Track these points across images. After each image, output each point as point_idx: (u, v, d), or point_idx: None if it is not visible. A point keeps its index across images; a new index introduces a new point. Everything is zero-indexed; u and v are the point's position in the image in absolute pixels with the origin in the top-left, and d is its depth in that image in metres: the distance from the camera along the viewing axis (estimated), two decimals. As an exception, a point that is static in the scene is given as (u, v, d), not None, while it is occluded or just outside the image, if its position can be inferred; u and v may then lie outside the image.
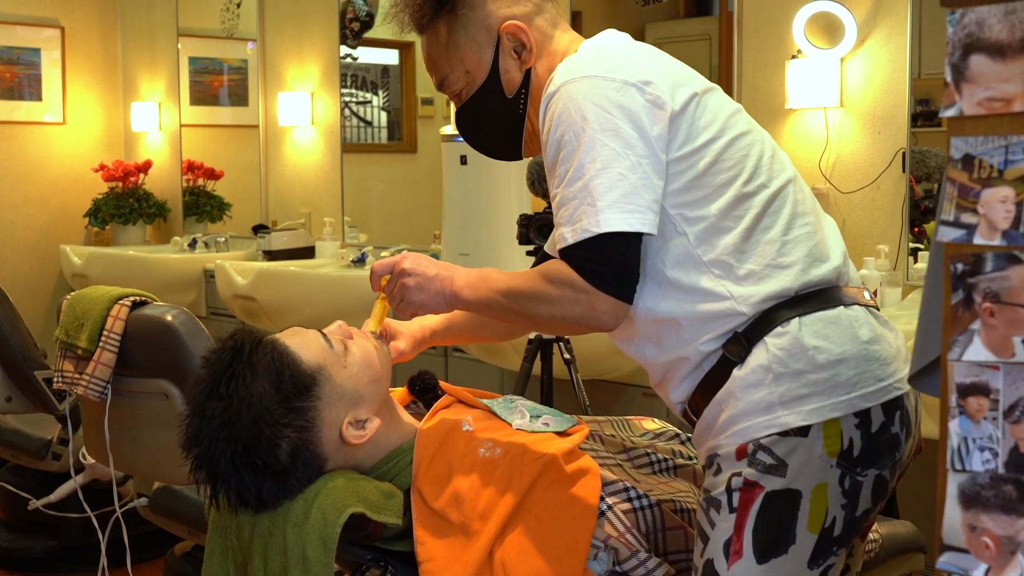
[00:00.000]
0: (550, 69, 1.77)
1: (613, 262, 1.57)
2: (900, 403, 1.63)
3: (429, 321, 2.03)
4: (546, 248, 2.07)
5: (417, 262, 1.79)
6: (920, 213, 3.47)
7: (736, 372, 1.61)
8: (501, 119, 1.83)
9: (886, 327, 1.69)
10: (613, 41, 1.77)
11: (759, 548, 1.58)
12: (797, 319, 1.60)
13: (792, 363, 1.58)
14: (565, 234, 1.60)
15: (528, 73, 1.80)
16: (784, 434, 1.57)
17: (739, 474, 1.59)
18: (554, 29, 1.83)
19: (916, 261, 3.44)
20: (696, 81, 1.70)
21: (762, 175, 1.66)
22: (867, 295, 1.71)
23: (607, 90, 1.61)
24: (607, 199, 1.56)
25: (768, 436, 1.58)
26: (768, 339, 1.60)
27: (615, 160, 1.58)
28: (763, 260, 1.62)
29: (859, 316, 1.64)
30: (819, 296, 1.63)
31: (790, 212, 1.66)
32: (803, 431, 1.57)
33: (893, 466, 1.64)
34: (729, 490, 1.60)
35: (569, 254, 1.60)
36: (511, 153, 1.89)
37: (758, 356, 1.60)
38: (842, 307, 1.64)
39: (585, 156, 1.59)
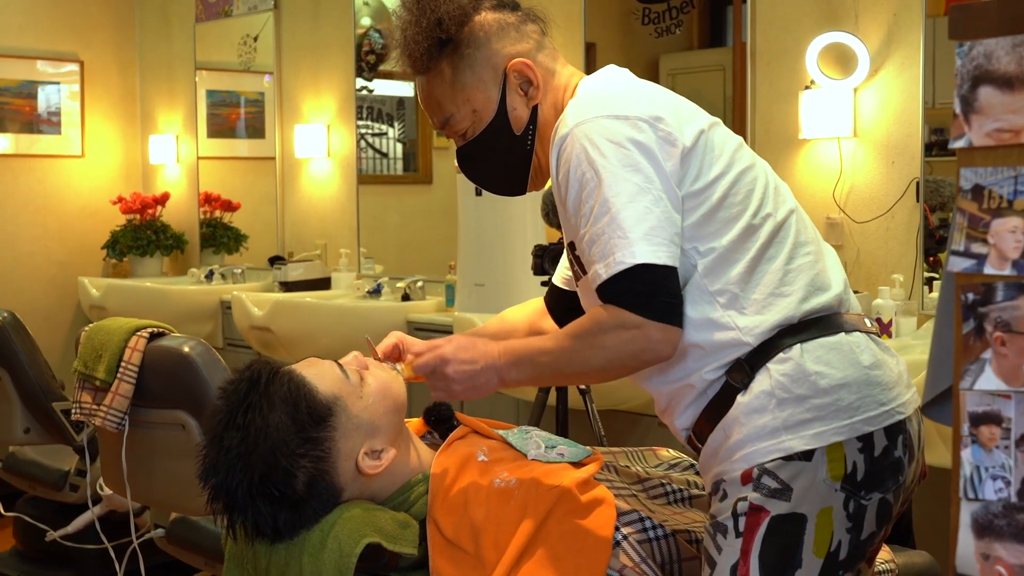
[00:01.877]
0: (555, 104, 1.81)
1: (656, 290, 1.59)
2: (903, 427, 1.66)
3: None
4: (554, 280, 2.08)
5: (456, 352, 1.74)
6: (935, 242, 3.47)
7: (740, 398, 1.63)
8: (509, 156, 1.85)
9: (887, 353, 1.72)
10: (617, 79, 1.79)
11: (765, 572, 1.59)
12: (799, 345, 1.63)
13: (795, 388, 1.61)
14: (599, 270, 1.61)
15: (535, 109, 1.82)
16: (788, 458, 1.59)
17: (744, 499, 1.61)
18: (555, 64, 1.86)
19: (931, 290, 3.44)
20: (701, 116, 1.73)
21: (768, 206, 1.70)
22: (868, 322, 1.73)
23: (621, 127, 1.64)
24: (637, 231, 1.58)
25: (773, 460, 1.60)
26: (771, 365, 1.62)
27: (639, 195, 1.60)
28: (767, 289, 1.65)
29: (860, 342, 1.67)
30: (821, 323, 1.66)
31: (793, 241, 1.69)
32: (807, 455, 1.59)
33: (897, 490, 1.66)
34: (735, 515, 1.61)
35: (608, 289, 1.60)
36: (517, 188, 1.91)
37: (761, 382, 1.62)
38: (843, 333, 1.66)
39: (609, 191, 1.60)
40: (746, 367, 1.63)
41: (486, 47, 1.80)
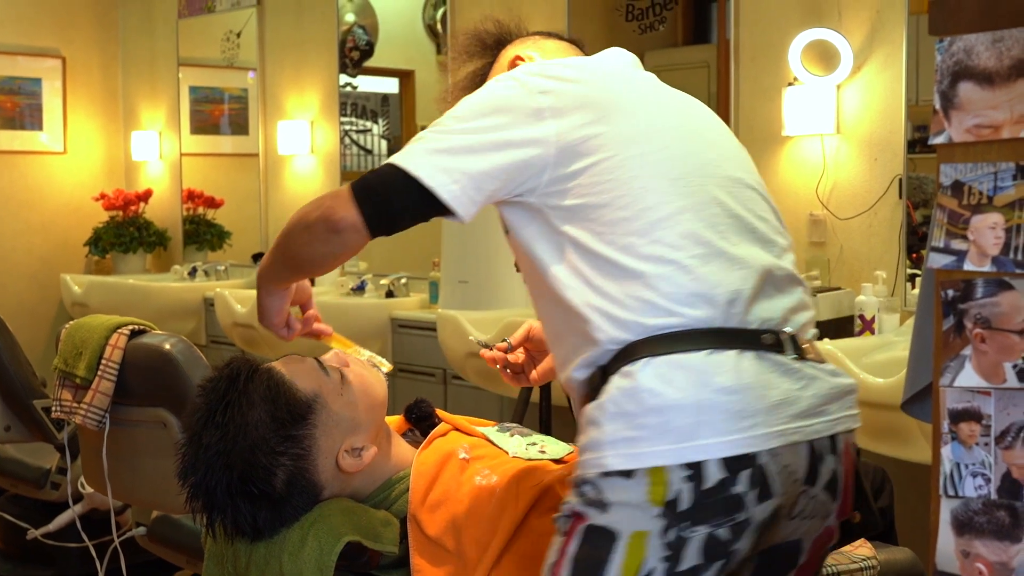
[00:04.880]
0: None
1: (391, 196, 1.58)
2: (751, 462, 1.46)
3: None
4: None
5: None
6: (918, 239, 3.48)
7: (588, 405, 1.55)
8: None
9: (788, 376, 1.51)
10: (595, 58, 1.80)
11: None
12: (647, 359, 1.49)
13: (624, 404, 1.49)
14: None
15: None
16: (608, 474, 1.48)
17: (572, 501, 1.53)
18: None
19: (914, 287, 3.44)
20: (622, 120, 1.61)
21: (644, 202, 1.55)
22: (790, 337, 1.55)
23: (536, 81, 1.61)
24: (434, 146, 1.57)
25: (595, 473, 1.50)
26: (615, 377, 1.51)
27: (473, 126, 1.58)
28: (630, 291, 1.52)
29: (725, 362, 1.48)
30: (686, 337, 1.50)
31: (671, 243, 1.54)
32: (628, 474, 1.47)
33: (737, 527, 1.47)
34: (564, 514, 1.54)
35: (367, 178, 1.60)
36: None
37: (604, 392, 1.52)
38: (709, 351, 1.49)
39: (460, 104, 1.61)
40: (601, 374, 1.54)
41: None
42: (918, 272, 3.45)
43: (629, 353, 1.51)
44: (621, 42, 1.96)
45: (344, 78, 5.26)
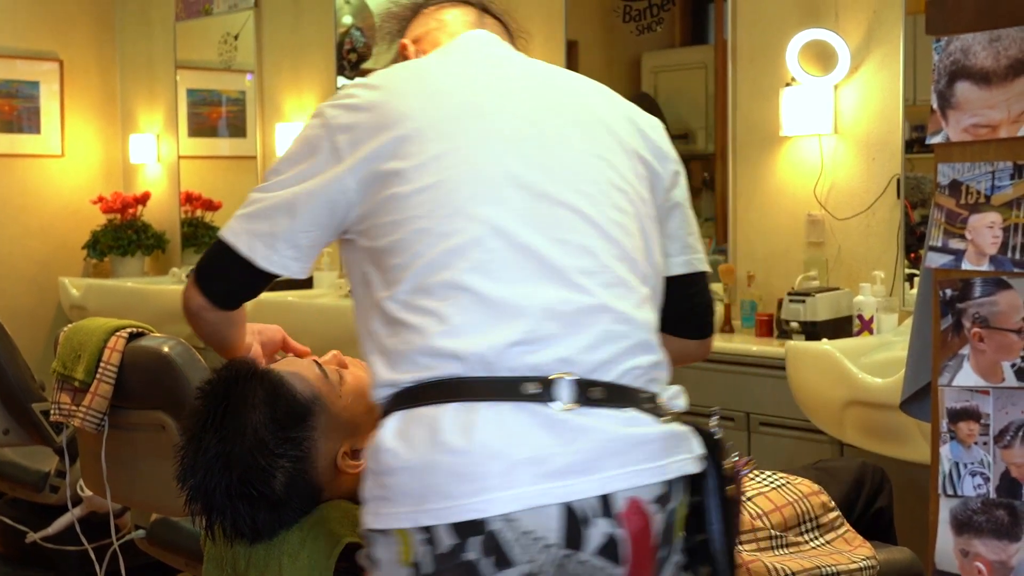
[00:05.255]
0: None
1: (222, 272, 1.63)
2: (480, 528, 1.36)
3: None
4: None
5: None
6: (916, 239, 3.48)
7: None
8: None
9: (551, 430, 1.38)
10: (426, 64, 1.69)
11: None
12: (401, 412, 1.43)
13: (371, 462, 1.45)
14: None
15: None
16: (371, 530, 1.45)
17: (360, 552, 1.52)
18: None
19: (912, 287, 3.45)
20: (415, 148, 1.52)
21: (415, 247, 1.48)
22: (573, 382, 1.40)
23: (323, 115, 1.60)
24: (250, 210, 1.60)
25: (364, 528, 1.47)
26: (377, 431, 1.46)
27: (283, 179, 1.61)
28: (393, 344, 1.46)
29: (462, 419, 1.38)
30: (433, 391, 1.41)
31: (431, 291, 1.45)
32: (382, 532, 1.42)
33: None
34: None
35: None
36: None
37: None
38: (454, 405, 1.39)
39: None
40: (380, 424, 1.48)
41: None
42: (916, 272, 3.45)
43: (389, 406, 1.46)
44: (619, 43, 1.93)
45: (342, 80, 5.26)
